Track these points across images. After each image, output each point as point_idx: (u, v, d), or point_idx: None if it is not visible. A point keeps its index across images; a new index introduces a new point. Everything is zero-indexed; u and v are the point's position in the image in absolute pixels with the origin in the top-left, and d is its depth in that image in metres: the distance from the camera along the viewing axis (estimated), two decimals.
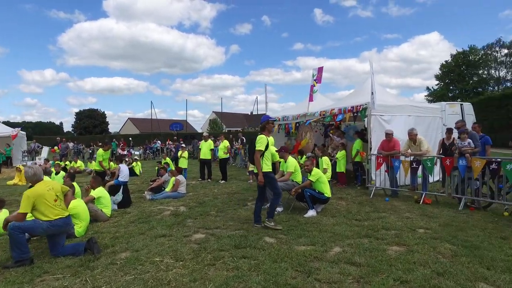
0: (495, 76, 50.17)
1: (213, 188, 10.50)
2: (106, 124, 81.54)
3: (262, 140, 5.50)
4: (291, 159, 7.02)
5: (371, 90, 8.77)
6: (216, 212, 7.05)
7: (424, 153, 7.37)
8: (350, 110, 9.68)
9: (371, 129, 9.03)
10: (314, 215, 6.42)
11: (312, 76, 12.05)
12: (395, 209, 6.78)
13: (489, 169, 6.24)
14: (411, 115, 9.79)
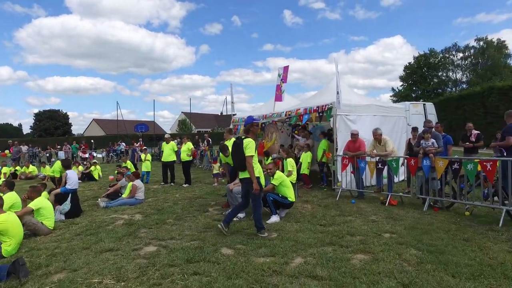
0: (453, 78, 52.67)
1: (175, 193, 9.94)
2: (69, 126, 77.64)
3: (251, 144, 5.11)
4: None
5: (337, 90, 8.59)
6: (174, 220, 6.54)
7: (389, 154, 7.25)
8: (315, 110, 9.46)
9: (337, 129, 8.85)
10: (277, 220, 6.08)
11: (278, 76, 11.77)
12: (361, 212, 6.58)
13: (451, 169, 6.18)
14: (377, 115, 9.73)
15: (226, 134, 9.03)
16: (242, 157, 5.10)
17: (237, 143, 5.24)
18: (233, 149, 5.32)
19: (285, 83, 11.34)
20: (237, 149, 5.21)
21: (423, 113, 11.99)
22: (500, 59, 46.37)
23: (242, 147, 5.11)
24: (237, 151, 5.20)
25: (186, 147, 11.47)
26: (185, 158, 11.39)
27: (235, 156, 5.26)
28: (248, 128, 5.37)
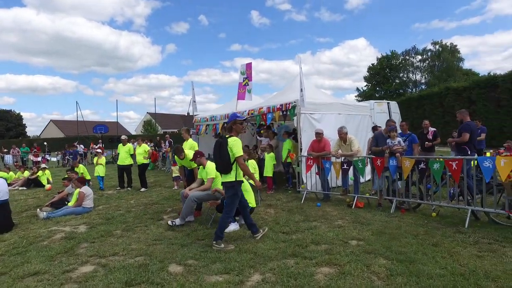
0: (413, 79, 54.85)
1: (130, 199, 9.12)
2: (23, 127, 72.86)
3: (237, 143, 4.66)
4: (211, 164, 6.06)
5: (300, 87, 8.20)
6: (122, 231, 5.82)
7: (355, 153, 6.94)
8: (279, 108, 9.03)
9: (301, 128, 8.47)
10: (237, 229, 5.55)
11: (241, 74, 11.23)
12: (327, 216, 6.19)
13: (418, 169, 5.94)
14: (342, 113, 9.48)
15: (184, 134, 8.40)
16: (227, 158, 4.60)
17: (220, 143, 4.72)
18: (215, 150, 4.77)
19: (251, 81, 10.80)
20: (220, 149, 4.68)
21: (387, 111, 11.97)
22: (453, 62, 48.84)
23: (226, 147, 4.62)
24: (221, 152, 4.66)
25: (141, 149, 10.63)
26: (141, 161, 10.56)
27: (218, 157, 4.71)
28: (231, 125, 4.83)
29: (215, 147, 4.80)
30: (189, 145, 8.30)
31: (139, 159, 10.57)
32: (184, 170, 7.61)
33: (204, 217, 6.52)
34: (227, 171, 4.67)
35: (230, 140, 4.67)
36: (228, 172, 4.66)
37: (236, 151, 4.61)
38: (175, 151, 6.80)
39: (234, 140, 4.66)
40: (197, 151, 6.26)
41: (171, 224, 5.76)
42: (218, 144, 4.75)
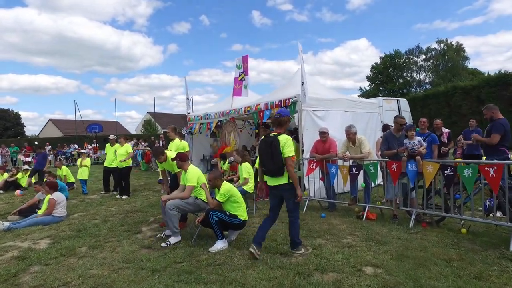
0: (417, 78, 53.75)
1: (112, 205, 8.15)
2: (21, 126, 72.12)
3: (290, 142, 4.18)
4: (194, 170, 5.07)
5: (301, 80, 7.21)
6: (88, 249, 4.84)
7: (366, 156, 5.94)
8: (277, 105, 8.04)
9: (303, 127, 7.47)
10: (225, 247, 4.56)
11: (237, 67, 10.25)
12: (333, 231, 5.19)
13: (444, 175, 4.93)
14: (348, 111, 8.49)
15: (170, 133, 7.41)
16: (280, 159, 4.07)
17: (270, 141, 4.15)
18: (264, 149, 4.21)
19: (247, 76, 9.83)
20: (271, 148, 4.12)
21: (397, 109, 10.98)
22: (459, 61, 47.72)
23: (278, 145, 4.06)
24: (272, 151, 4.10)
25: (123, 149, 9.41)
26: (122, 163, 9.33)
27: (268, 157, 4.14)
28: (282, 121, 4.27)
29: (262, 147, 4.24)
30: (175, 146, 7.32)
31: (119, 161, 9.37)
32: (169, 174, 6.65)
33: (188, 230, 5.53)
34: (280, 173, 4.14)
35: (283, 138, 4.13)
36: (281, 174, 4.14)
37: (288, 151, 4.10)
38: (154, 153, 5.78)
39: (287, 139, 4.15)
40: (179, 153, 5.26)
41: (166, 245, 4.75)
42: (269, 143, 4.15)
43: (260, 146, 4.32)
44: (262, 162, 4.32)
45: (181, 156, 5.13)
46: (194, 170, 5.00)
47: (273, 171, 4.16)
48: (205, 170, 12.50)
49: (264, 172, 4.30)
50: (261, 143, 4.31)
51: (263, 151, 4.24)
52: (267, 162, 4.18)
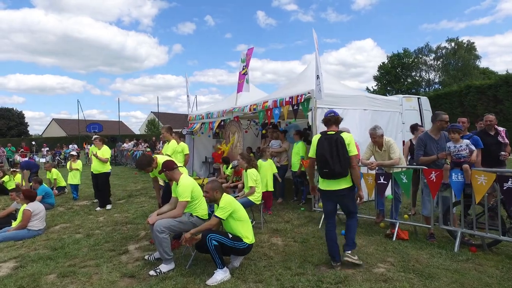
0: (426, 78, 52.49)
1: (101, 214, 7.25)
2: (25, 126, 71.88)
3: (353, 140, 3.92)
4: (187, 181, 4.11)
5: (316, 73, 6.26)
6: (57, 277, 3.94)
7: (396, 163, 4.95)
8: (288, 102, 7.08)
9: (317, 127, 6.51)
10: (226, 278, 3.61)
11: (242, 61, 9.32)
12: (361, 256, 4.21)
13: (502, 188, 3.94)
14: (367, 109, 7.51)
15: (165, 134, 6.49)
16: (347, 158, 3.78)
17: (334, 139, 3.82)
18: (328, 149, 3.81)
19: (248, 68, 8.89)
20: (335, 147, 3.78)
21: (417, 108, 9.96)
22: (470, 61, 46.39)
23: (344, 144, 3.78)
24: (339, 150, 3.77)
25: (100, 152, 7.84)
26: (98, 168, 7.81)
27: (335, 157, 3.78)
28: (339, 119, 4.09)
29: (324, 147, 3.83)
30: (172, 149, 6.38)
31: (95, 165, 7.87)
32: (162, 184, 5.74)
33: (183, 250, 4.59)
34: (345, 174, 3.80)
35: (346, 135, 3.85)
36: (346, 175, 3.81)
37: (353, 149, 3.83)
38: (137, 166, 4.74)
39: (350, 136, 3.89)
40: (167, 162, 4.29)
41: (156, 274, 3.83)
42: (333, 141, 3.81)
43: (320, 146, 3.87)
44: (323, 163, 3.81)
45: (166, 165, 4.17)
46: (187, 182, 4.05)
47: (339, 173, 3.76)
48: (207, 174, 11.59)
49: (326, 174, 3.82)
50: (321, 143, 3.88)
51: (325, 151, 3.80)
52: (334, 163, 3.75)
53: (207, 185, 3.78)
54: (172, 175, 4.12)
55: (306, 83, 7.65)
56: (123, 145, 22.88)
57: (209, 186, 3.76)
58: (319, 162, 3.89)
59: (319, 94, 6.19)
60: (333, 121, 4.01)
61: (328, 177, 3.82)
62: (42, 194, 7.59)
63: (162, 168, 4.17)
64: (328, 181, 3.86)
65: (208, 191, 3.74)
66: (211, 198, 3.75)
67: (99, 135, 8.92)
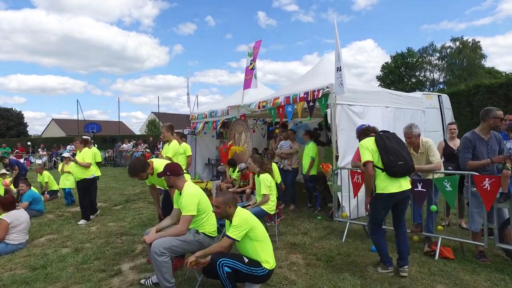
0: (430, 78, 51.73)
1: (94, 223, 6.51)
2: (24, 126, 71.27)
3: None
4: (193, 189, 3.37)
5: (336, 65, 5.53)
6: None
7: (438, 167, 4.21)
8: (303, 98, 6.34)
9: (337, 126, 5.79)
10: None
11: (249, 55, 8.59)
12: (401, 281, 3.48)
13: None
14: (390, 107, 6.79)
15: (165, 133, 5.74)
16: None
17: (396, 136, 3.74)
18: (396, 143, 3.62)
19: (256, 62, 8.16)
20: (401, 142, 3.74)
21: (438, 106, 9.24)
22: (475, 60, 45.60)
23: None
24: (403, 147, 3.68)
25: (79, 157, 6.63)
26: (80, 174, 6.61)
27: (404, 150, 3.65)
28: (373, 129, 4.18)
29: (393, 141, 3.61)
30: (173, 150, 5.64)
31: (77, 172, 6.69)
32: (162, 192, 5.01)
33: (186, 272, 3.85)
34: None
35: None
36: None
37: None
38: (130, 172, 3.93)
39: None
40: (169, 165, 3.55)
41: None
42: (396, 137, 3.73)
43: (383, 143, 3.57)
44: (396, 156, 3.48)
45: (172, 169, 3.42)
46: (192, 192, 3.31)
47: (412, 167, 3.62)
48: (210, 176, 10.85)
49: (401, 168, 3.47)
50: (383, 140, 3.59)
51: (394, 145, 3.55)
52: (408, 157, 3.59)
53: (217, 198, 3.03)
54: (175, 181, 3.38)
55: (321, 77, 6.93)
56: (122, 146, 22.16)
57: (220, 199, 3.01)
58: (388, 158, 3.48)
59: (340, 89, 5.46)
60: (371, 129, 4.07)
61: (402, 172, 3.48)
62: (29, 200, 6.86)
63: (165, 171, 3.40)
64: (399, 181, 3.49)
65: (219, 205, 2.99)
66: (223, 214, 3.01)
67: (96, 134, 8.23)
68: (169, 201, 4.25)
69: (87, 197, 6.66)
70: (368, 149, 3.57)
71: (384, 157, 3.48)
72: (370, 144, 3.62)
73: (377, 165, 3.53)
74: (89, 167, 6.62)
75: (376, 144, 3.58)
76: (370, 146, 3.60)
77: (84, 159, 6.60)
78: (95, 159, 7.27)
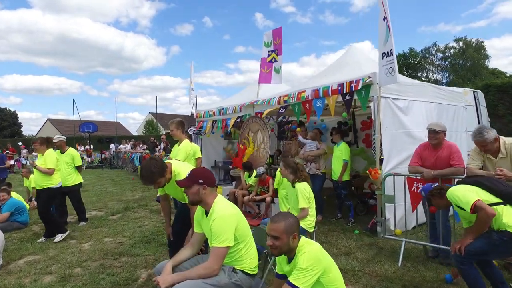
0: (433, 79, 51.06)
1: (85, 238, 5.49)
2: (19, 126, 69.96)
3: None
4: (225, 208, 2.37)
5: (384, 49, 4.59)
6: None
7: None
8: (336, 90, 5.37)
9: (381, 122, 4.82)
10: None
11: (265, 45, 7.63)
12: None
13: None
14: (433, 102, 5.84)
15: (175, 131, 4.73)
16: None
17: None
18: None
19: (281, 56, 7.21)
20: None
21: (473, 104, 8.34)
22: (479, 60, 44.93)
23: None
24: None
25: (41, 161, 5.46)
26: (42, 182, 5.36)
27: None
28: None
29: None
30: (184, 152, 4.64)
31: (35, 179, 5.56)
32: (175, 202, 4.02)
33: None
34: None
35: None
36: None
37: None
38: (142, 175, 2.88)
39: None
40: (198, 170, 2.55)
41: None
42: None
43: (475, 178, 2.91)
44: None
45: (204, 175, 2.41)
46: (227, 211, 2.31)
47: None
48: (217, 181, 9.85)
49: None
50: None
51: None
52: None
53: (274, 224, 2.02)
54: (206, 195, 2.38)
55: (353, 68, 6.00)
56: (120, 147, 21.09)
57: (280, 226, 1.99)
58: (498, 185, 2.76)
59: (389, 78, 4.52)
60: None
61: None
62: (11, 210, 5.85)
63: (195, 178, 2.38)
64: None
65: (280, 235, 1.98)
66: (284, 249, 2.01)
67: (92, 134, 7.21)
68: (184, 218, 3.26)
69: (49, 209, 5.47)
70: (468, 190, 2.76)
71: (494, 186, 2.67)
72: (463, 187, 2.83)
73: (491, 201, 2.63)
74: (51, 173, 5.31)
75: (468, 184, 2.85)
76: (465, 188, 2.81)
77: (46, 164, 5.26)
78: (74, 162, 6.22)
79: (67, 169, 6.12)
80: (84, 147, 23.43)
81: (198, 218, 2.56)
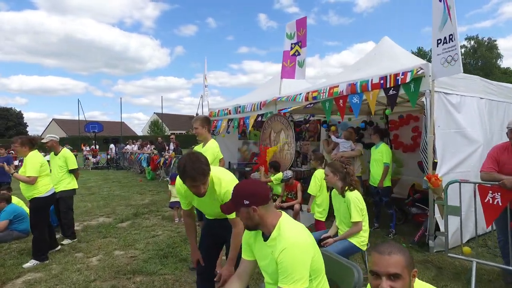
0: None
1: (93, 250, 4.87)
2: (24, 126, 70.03)
3: None
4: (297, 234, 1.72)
5: (441, 35, 3.94)
6: None
7: None
8: (377, 84, 4.71)
9: (434, 122, 4.16)
10: None
11: (288, 37, 6.99)
12: None
13: None
14: (484, 98, 5.17)
15: (199, 129, 4.07)
16: None
17: None
18: None
19: (305, 48, 6.57)
20: None
21: None
22: (492, 59, 43.91)
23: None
24: None
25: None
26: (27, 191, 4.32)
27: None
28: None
29: None
30: (212, 154, 3.99)
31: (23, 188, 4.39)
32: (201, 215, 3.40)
33: None
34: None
35: None
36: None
37: None
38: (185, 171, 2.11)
39: None
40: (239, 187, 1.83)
41: None
42: None
43: None
44: None
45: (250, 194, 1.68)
46: (301, 239, 1.64)
47: None
48: None
49: None
50: None
51: None
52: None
53: (388, 256, 1.33)
54: (260, 218, 1.73)
55: (392, 60, 5.34)
56: (126, 147, 20.52)
57: (400, 260, 1.32)
58: None
59: (446, 69, 3.84)
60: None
61: None
62: (10, 217, 5.24)
63: (237, 198, 1.73)
64: None
65: (402, 272, 1.30)
66: None
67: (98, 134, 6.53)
68: (214, 234, 2.62)
69: (40, 224, 4.36)
70: None
71: None
72: None
73: None
74: (32, 183, 4.21)
75: None
76: None
77: (25, 170, 4.19)
78: (68, 165, 5.15)
79: (59, 173, 5.09)
80: (89, 147, 22.90)
81: (249, 241, 1.91)
